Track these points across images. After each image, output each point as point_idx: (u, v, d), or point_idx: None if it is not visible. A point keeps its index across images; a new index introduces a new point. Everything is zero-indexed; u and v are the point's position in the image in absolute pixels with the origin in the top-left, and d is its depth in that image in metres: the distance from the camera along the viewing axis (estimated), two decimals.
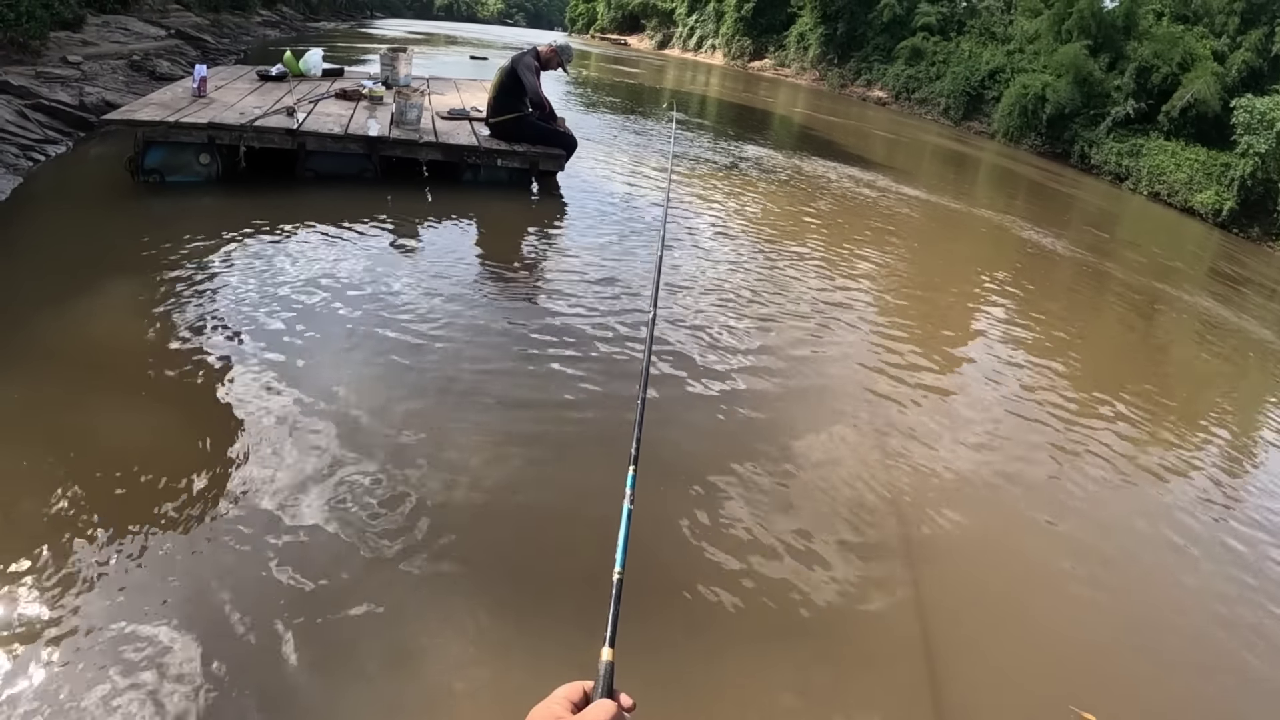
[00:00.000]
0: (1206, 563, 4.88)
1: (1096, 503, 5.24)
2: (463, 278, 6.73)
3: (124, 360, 4.77)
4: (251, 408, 4.42)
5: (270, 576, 3.30)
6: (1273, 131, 21.81)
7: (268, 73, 10.86)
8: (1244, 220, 22.54)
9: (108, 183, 7.98)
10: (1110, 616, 4.20)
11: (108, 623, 2.98)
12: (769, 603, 3.69)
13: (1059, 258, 12.57)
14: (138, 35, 17.72)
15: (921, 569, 4.14)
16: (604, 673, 1.15)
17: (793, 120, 27.32)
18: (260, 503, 3.70)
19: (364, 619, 3.20)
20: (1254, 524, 5.50)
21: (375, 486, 3.92)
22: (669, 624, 3.47)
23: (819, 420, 5.49)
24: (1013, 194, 20.01)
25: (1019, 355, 7.63)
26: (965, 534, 4.56)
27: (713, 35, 58.13)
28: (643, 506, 1.79)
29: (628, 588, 1.27)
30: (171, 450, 4.06)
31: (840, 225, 11.29)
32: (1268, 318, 12.54)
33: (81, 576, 3.16)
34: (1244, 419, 7.74)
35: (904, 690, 3.40)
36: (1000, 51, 35.74)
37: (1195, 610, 4.43)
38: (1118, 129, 28.29)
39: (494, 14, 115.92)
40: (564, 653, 3.13)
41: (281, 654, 2.97)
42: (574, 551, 3.78)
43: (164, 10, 22.28)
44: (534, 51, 9.56)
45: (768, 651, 3.45)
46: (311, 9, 44.39)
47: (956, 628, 3.81)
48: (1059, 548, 4.68)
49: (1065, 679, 3.64)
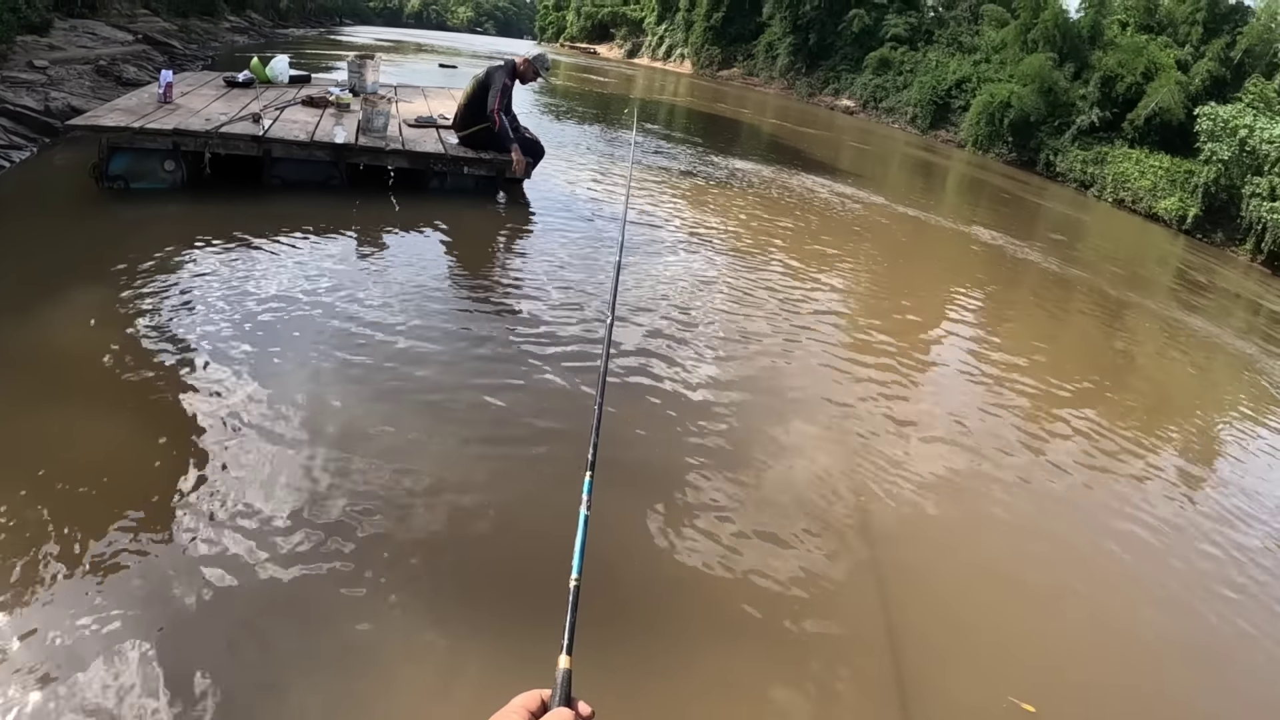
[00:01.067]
0: (1165, 556, 5.01)
1: (1054, 498, 5.40)
2: (428, 285, 6.76)
3: (86, 369, 4.76)
4: (215, 416, 4.43)
5: (227, 583, 3.33)
6: (1235, 139, 22.24)
7: (235, 79, 10.84)
8: (1208, 226, 22.97)
9: (72, 189, 7.97)
10: (1060, 610, 4.31)
11: (65, 627, 3.00)
12: (729, 603, 3.77)
13: (1024, 265, 12.77)
14: (105, 40, 17.63)
15: (881, 566, 4.25)
16: (561, 680, 1.16)
17: (761, 130, 27.51)
18: (219, 510, 3.72)
19: (319, 628, 3.24)
20: (1215, 517, 5.67)
21: (335, 493, 3.94)
22: (628, 628, 3.53)
23: (781, 422, 5.59)
24: (979, 202, 20.28)
25: (985, 359, 7.80)
26: (925, 532, 4.68)
27: (682, 44, 58.38)
28: (603, 513, 1.82)
29: (586, 594, 1.30)
30: (135, 459, 4.07)
31: (806, 233, 11.42)
32: (1230, 321, 12.77)
33: (36, 584, 3.18)
34: (1204, 418, 7.91)
35: (865, 685, 3.47)
36: (967, 61, 36.19)
37: (1147, 604, 4.56)
38: (1083, 137, 28.73)
39: (464, 22, 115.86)
40: (518, 666, 3.17)
41: (234, 665, 3.00)
42: (534, 557, 3.82)
43: (131, 15, 22.17)
44: (510, 67, 9.55)
45: (726, 652, 3.53)
46: (280, 15, 44.27)
47: (910, 620, 3.91)
48: (1014, 541, 4.82)
49: (1012, 670, 3.73)
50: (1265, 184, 21.29)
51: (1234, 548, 5.31)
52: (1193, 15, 29.52)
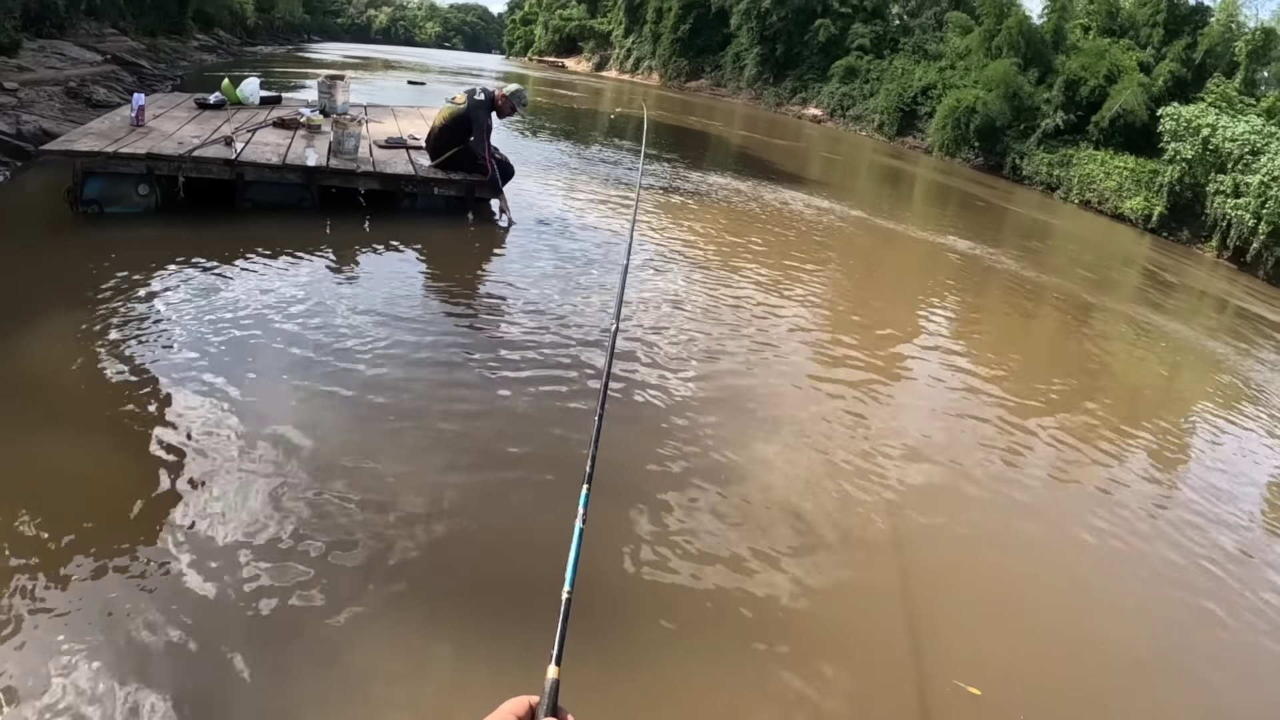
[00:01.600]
0: (1120, 550, 5.20)
1: (1027, 500, 5.56)
2: (401, 305, 6.86)
3: (61, 393, 4.83)
4: (187, 443, 4.46)
5: (208, 602, 3.40)
6: (1198, 138, 22.63)
7: (206, 101, 10.91)
8: (1173, 224, 23.41)
9: (47, 213, 8.03)
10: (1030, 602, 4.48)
11: (45, 646, 3.08)
12: (711, 608, 3.90)
13: (993, 270, 12.98)
14: (74, 61, 17.65)
15: (867, 566, 4.41)
16: (549, 690, 1.19)
17: (730, 141, 27.72)
18: (190, 539, 3.74)
19: (312, 643, 3.32)
20: (1182, 521, 5.82)
21: (316, 515, 4.00)
22: (618, 634, 3.64)
23: (764, 433, 5.73)
24: (947, 207, 20.57)
25: (957, 362, 8.03)
26: (904, 534, 4.82)
27: (649, 56, 58.66)
28: (596, 523, 1.88)
29: (579, 604, 1.35)
30: (107, 485, 4.14)
31: (777, 247, 11.58)
32: (1198, 319, 13.03)
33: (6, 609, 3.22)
34: (1171, 414, 8.12)
35: (859, 679, 3.61)
36: (933, 68, 36.63)
37: (1098, 594, 4.74)
38: (1048, 140, 29.18)
39: (432, 37, 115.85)
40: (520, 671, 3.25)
41: (223, 678, 3.08)
42: (527, 569, 3.92)
43: (100, 35, 22.18)
44: (489, 102, 9.66)
45: (702, 654, 3.66)
46: (248, 33, 44.25)
47: (884, 612, 4.07)
48: (989, 538, 4.98)
49: (978, 660, 3.88)
50: (1229, 181, 21.68)
51: (1202, 545, 5.50)
52: (1153, 18, 30.12)
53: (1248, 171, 21.47)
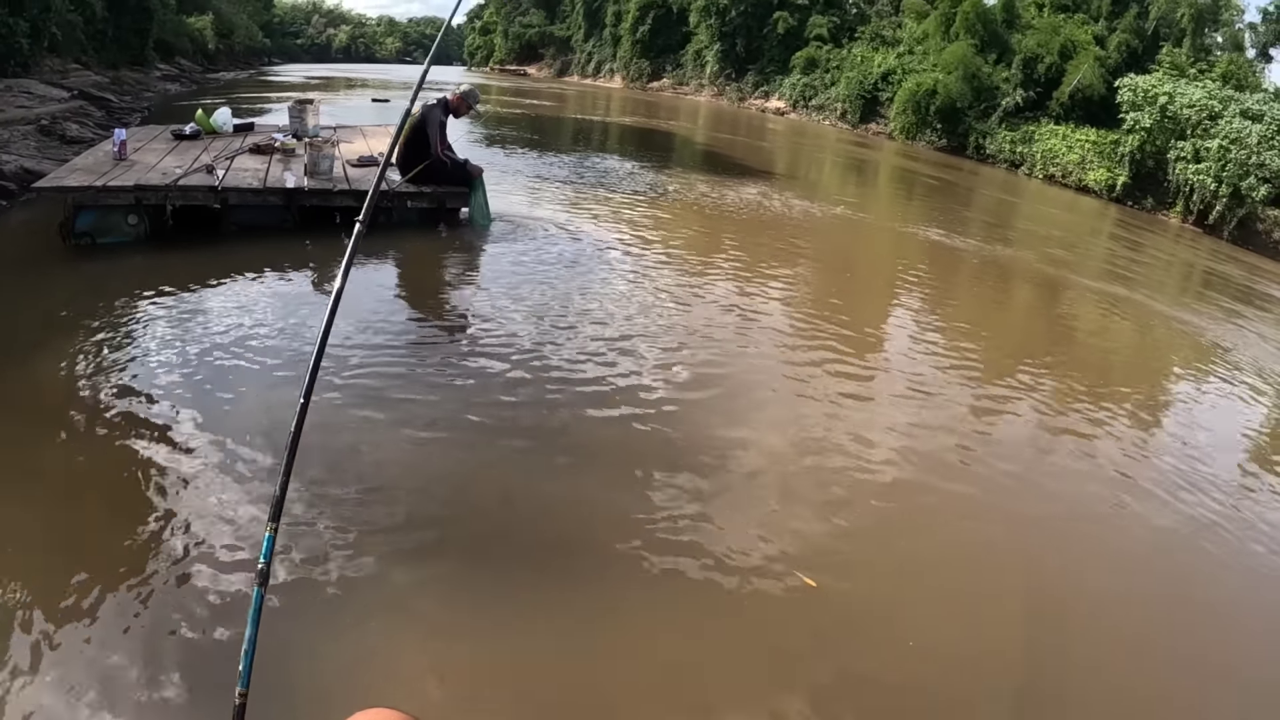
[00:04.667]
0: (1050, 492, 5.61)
1: (1005, 458, 5.94)
2: (383, 313, 7.17)
3: (63, 417, 5.02)
4: (178, 467, 4.56)
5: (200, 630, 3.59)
6: (1156, 106, 23.17)
7: (182, 131, 11.19)
8: (1137, 193, 24.06)
9: (40, 248, 8.27)
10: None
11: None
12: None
13: (960, 251, 13.41)
14: (41, 98, 17.85)
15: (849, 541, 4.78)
16: None
17: (694, 139, 28.03)
18: (193, 558, 3.83)
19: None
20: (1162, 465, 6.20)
21: (308, 534, 4.11)
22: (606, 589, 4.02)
23: (739, 418, 6.04)
24: (913, 191, 20.93)
25: (929, 342, 8.38)
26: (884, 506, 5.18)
27: (611, 59, 59.14)
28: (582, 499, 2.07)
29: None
30: (111, 500, 4.36)
31: (750, 240, 11.99)
32: (1165, 285, 13.45)
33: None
34: (1144, 380, 8.59)
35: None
36: (891, 54, 37.26)
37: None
38: (1009, 118, 29.81)
39: (393, 53, 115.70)
40: None
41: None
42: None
43: (64, 71, 22.36)
44: (443, 103, 10.03)
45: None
46: (209, 59, 44.27)
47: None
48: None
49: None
50: (1189, 147, 22.28)
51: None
52: None
53: (1206, 136, 22.08)
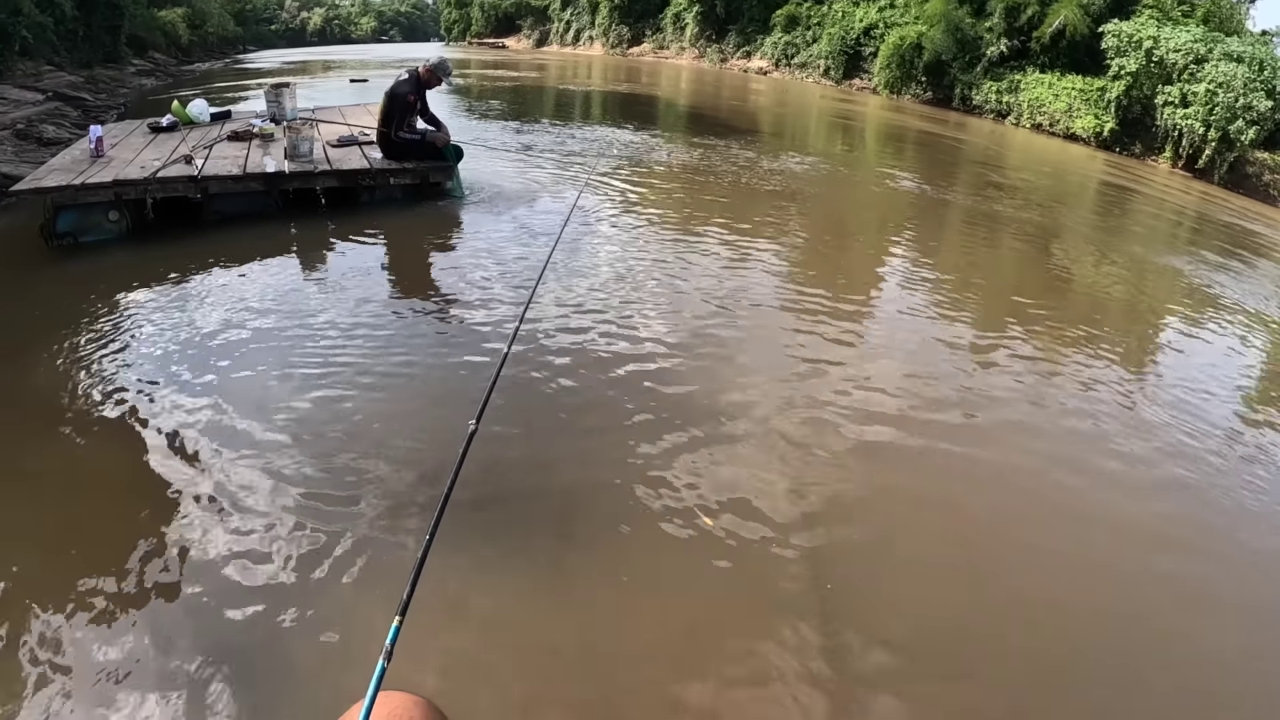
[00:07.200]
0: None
1: (998, 406, 6.01)
2: (370, 296, 7.15)
3: (61, 415, 5.06)
4: (175, 466, 4.59)
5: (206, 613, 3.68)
6: (1141, 50, 23.05)
7: (159, 124, 11.12)
8: (1125, 139, 23.99)
9: (22, 252, 8.24)
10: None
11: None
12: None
13: (951, 202, 13.39)
14: (16, 102, 17.69)
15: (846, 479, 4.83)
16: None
17: (678, 103, 27.87)
18: (192, 557, 3.88)
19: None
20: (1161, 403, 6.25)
21: (307, 523, 4.15)
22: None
23: (735, 382, 6.05)
24: (900, 147, 20.82)
25: (923, 296, 8.40)
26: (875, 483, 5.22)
27: (589, 27, 58.63)
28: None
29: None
30: (112, 494, 4.42)
31: (739, 201, 11.94)
32: (1157, 230, 13.42)
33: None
34: (1138, 324, 8.62)
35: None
36: (873, 8, 36.90)
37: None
38: (994, 68, 29.52)
39: (368, 33, 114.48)
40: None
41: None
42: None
43: (37, 74, 22.13)
44: (414, 78, 9.95)
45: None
46: (183, 51, 43.82)
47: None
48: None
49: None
50: (1176, 92, 22.21)
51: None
52: None
53: (1194, 81, 21.97)
